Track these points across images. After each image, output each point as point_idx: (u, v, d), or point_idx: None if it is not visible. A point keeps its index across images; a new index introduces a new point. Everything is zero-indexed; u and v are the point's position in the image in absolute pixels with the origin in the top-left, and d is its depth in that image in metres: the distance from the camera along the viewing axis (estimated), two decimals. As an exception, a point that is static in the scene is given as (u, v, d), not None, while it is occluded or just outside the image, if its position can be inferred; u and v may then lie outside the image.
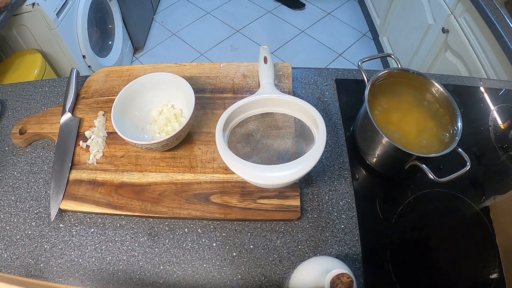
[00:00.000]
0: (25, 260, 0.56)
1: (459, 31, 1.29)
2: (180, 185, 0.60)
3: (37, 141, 0.69)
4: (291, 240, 0.56)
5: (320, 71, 0.77)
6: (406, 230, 0.58)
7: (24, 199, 0.62)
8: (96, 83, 0.75)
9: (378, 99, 0.61)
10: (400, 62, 0.64)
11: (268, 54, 0.69)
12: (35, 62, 1.45)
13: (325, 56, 2.21)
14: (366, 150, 0.63)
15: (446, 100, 0.58)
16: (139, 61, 2.24)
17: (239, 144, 0.58)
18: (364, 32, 2.38)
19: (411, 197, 0.60)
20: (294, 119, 0.61)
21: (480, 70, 1.18)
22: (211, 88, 0.72)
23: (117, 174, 0.62)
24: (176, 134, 0.57)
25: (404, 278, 0.53)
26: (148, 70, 0.74)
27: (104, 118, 0.69)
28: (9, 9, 1.26)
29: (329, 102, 0.72)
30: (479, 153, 0.65)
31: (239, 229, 0.57)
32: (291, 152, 0.57)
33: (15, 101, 0.76)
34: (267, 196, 0.58)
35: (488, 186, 0.62)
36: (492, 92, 0.74)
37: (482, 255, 0.55)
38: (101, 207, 0.58)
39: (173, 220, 0.59)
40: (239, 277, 0.53)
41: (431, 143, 0.57)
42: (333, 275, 0.36)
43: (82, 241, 0.57)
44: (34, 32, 1.46)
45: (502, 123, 0.70)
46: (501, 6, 1.08)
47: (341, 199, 0.60)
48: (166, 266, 0.55)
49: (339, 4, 2.58)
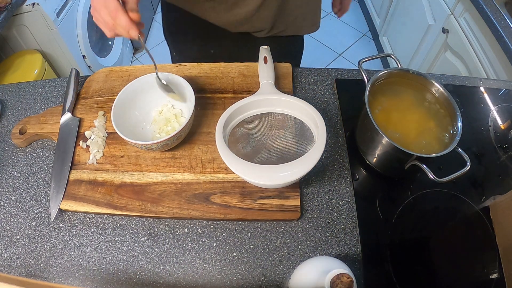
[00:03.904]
0: (25, 260, 0.56)
1: (459, 31, 1.29)
2: (180, 185, 0.60)
3: (37, 141, 0.69)
4: (291, 240, 0.56)
5: (320, 71, 0.77)
6: (406, 230, 0.58)
7: (24, 199, 0.62)
8: (96, 83, 0.75)
9: (378, 99, 0.61)
10: (400, 62, 0.64)
11: (268, 54, 0.69)
12: (35, 62, 1.45)
13: (325, 56, 2.22)
14: (366, 150, 0.63)
15: (446, 100, 0.58)
16: (139, 61, 2.24)
17: (239, 144, 0.58)
18: (364, 32, 2.38)
19: (411, 197, 0.60)
20: (294, 119, 0.61)
21: (480, 70, 1.19)
22: (211, 88, 0.72)
23: (117, 174, 0.62)
24: (176, 134, 0.57)
25: (404, 278, 0.53)
26: (148, 70, 0.74)
27: (104, 118, 0.69)
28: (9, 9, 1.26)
29: (329, 102, 0.72)
30: (479, 153, 0.65)
31: (239, 229, 0.57)
32: (291, 152, 0.57)
33: (15, 101, 0.76)
34: (267, 196, 0.58)
35: (488, 186, 0.62)
36: (492, 92, 0.74)
37: (482, 255, 0.55)
38: (101, 207, 0.58)
39: (173, 220, 0.59)
40: (239, 277, 0.53)
41: (431, 143, 0.57)
42: (333, 275, 0.36)
43: (82, 241, 0.57)
44: (34, 32, 1.46)
45: (502, 123, 0.70)
46: (501, 6, 1.08)
47: (341, 199, 0.60)
48: (166, 266, 0.55)
49: (339, 4, 2.58)
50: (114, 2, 0.52)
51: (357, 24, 2.43)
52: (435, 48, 1.49)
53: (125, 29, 0.54)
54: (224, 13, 0.76)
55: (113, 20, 0.53)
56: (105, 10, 0.53)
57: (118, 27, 0.54)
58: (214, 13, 0.77)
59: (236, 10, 0.75)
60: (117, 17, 0.52)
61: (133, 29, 0.54)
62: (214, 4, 0.75)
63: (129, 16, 0.53)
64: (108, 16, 0.53)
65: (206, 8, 0.76)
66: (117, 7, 0.52)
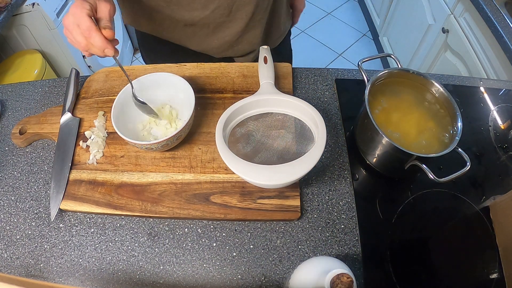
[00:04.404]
0: (25, 260, 0.56)
1: (459, 31, 1.29)
2: (180, 185, 0.60)
3: (37, 141, 0.69)
4: (291, 240, 0.56)
5: (320, 71, 0.77)
6: (406, 230, 0.58)
7: (24, 199, 0.62)
8: (96, 83, 0.75)
9: (378, 99, 0.61)
10: (400, 62, 0.64)
11: (268, 54, 0.69)
12: (35, 62, 1.45)
13: (325, 56, 2.22)
14: (366, 150, 0.63)
15: (446, 100, 0.58)
16: (139, 61, 2.24)
17: (239, 144, 0.58)
18: (364, 32, 2.38)
19: (411, 197, 0.60)
20: (294, 119, 0.61)
21: (480, 70, 1.19)
22: (211, 88, 0.72)
23: (117, 174, 0.62)
24: (176, 134, 0.57)
25: (404, 278, 0.53)
26: (148, 70, 0.74)
27: (104, 118, 0.69)
28: (9, 9, 1.26)
29: (329, 102, 0.72)
30: (479, 153, 0.65)
31: (239, 229, 0.57)
32: (291, 152, 0.57)
33: (15, 101, 0.76)
34: (267, 196, 0.58)
35: (488, 186, 0.62)
36: (492, 92, 0.74)
37: (482, 255, 0.55)
38: (101, 207, 0.58)
39: (173, 220, 0.59)
40: (239, 277, 0.53)
41: (431, 143, 0.57)
42: (333, 275, 0.36)
43: (82, 241, 0.57)
44: (34, 32, 1.46)
45: (502, 123, 0.70)
46: (501, 6, 1.08)
47: (341, 199, 0.60)
48: (166, 266, 0.55)
49: (339, 4, 2.59)
50: (86, 21, 0.50)
51: (357, 24, 2.43)
52: (435, 48, 1.49)
53: (100, 49, 0.51)
54: (206, 38, 0.72)
55: (86, 40, 0.50)
56: (78, 29, 0.50)
57: (92, 47, 0.51)
58: (195, 38, 0.73)
59: (219, 34, 0.71)
60: (90, 36, 0.50)
61: (108, 48, 0.51)
62: (195, 29, 0.70)
63: (103, 34, 0.51)
64: (81, 36, 0.50)
65: (187, 34, 0.72)
66: (90, 27, 0.50)
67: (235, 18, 0.69)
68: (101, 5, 0.52)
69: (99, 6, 0.52)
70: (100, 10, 0.52)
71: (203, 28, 0.70)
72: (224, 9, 0.67)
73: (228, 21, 0.69)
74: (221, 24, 0.70)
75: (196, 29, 0.71)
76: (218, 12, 0.67)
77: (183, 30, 0.71)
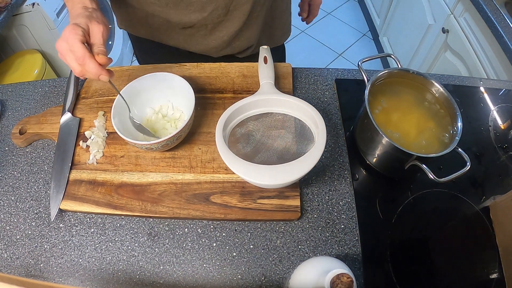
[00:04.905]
0: (25, 260, 0.56)
1: (459, 31, 1.29)
2: (180, 185, 0.60)
3: (37, 141, 0.69)
4: (291, 240, 0.56)
5: (320, 71, 0.77)
6: (406, 230, 0.58)
7: (24, 199, 0.62)
8: (96, 83, 0.75)
9: (378, 99, 0.61)
10: (400, 62, 0.64)
11: (268, 54, 0.69)
12: (35, 62, 1.45)
13: (325, 56, 2.22)
14: (366, 150, 0.63)
15: (446, 100, 0.58)
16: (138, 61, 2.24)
17: (239, 144, 0.58)
18: (364, 32, 2.38)
19: (411, 197, 0.60)
20: (294, 119, 0.61)
21: (480, 70, 1.19)
22: (211, 88, 0.72)
23: (117, 174, 0.62)
24: (176, 134, 0.57)
25: (404, 278, 0.53)
26: (148, 70, 0.74)
27: (104, 118, 0.68)
28: (9, 9, 1.26)
29: (329, 102, 0.72)
30: (479, 153, 0.65)
31: (239, 229, 0.57)
32: (291, 152, 0.57)
33: (15, 101, 0.76)
34: (267, 196, 0.58)
35: (488, 186, 0.62)
36: (492, 92, 0.74)
37: (482, 255, 0.55)
38: (101, 207, 0.58)
39: (173, 220, 0.59)
40: (239, 277, 0.53)
41: (431, 143, 0.57)
42: (333, 275, 0.36)
43: (82, 241, 0.57)
44: (34, 32, 1.46)
45: (502, 123, 0.70)
46: (501, 6, 1.08)
47: (341, 199, 0.60)
48: (166, 266, 0.55)
49: (339, 4, 2.59)
50: (80, 48, 0.48)
51: (357, 24, 2.43)
52: (435, 48, 1.49)
53: (95, 76, 0.51)
54: (203, 39, 0.71)
55: (81, 66, 0.50)
56: (72, 55, 0.49)
57: (87, 73, 0.51)
58: (193, 40, 0.72)
59: (217, 34, 0.71)
60: (84, 64, 0.49)
61: (103, 74, 0.51)
62: (192, 31, 0.70)
63: (97, 60, 0.50)
64: (75, 62, 0.50)
65: (184, 36, 0.72)
66: (84, 53, 0.49)
67: (232, 17, 0.69)
68: (94, 28, 0.51)
69: (92, 29, 0.51)
70: (93, 35, 0.51)
71: (200, 30, 0.70)
72: (221, 10, 0.67)
73: (226, 21, 0.69)
74: (219, 24, 0.69)
75: (194, 31, 0.70)
76: (215, 13, 0.67)
77: (181, 32, 0.71)
